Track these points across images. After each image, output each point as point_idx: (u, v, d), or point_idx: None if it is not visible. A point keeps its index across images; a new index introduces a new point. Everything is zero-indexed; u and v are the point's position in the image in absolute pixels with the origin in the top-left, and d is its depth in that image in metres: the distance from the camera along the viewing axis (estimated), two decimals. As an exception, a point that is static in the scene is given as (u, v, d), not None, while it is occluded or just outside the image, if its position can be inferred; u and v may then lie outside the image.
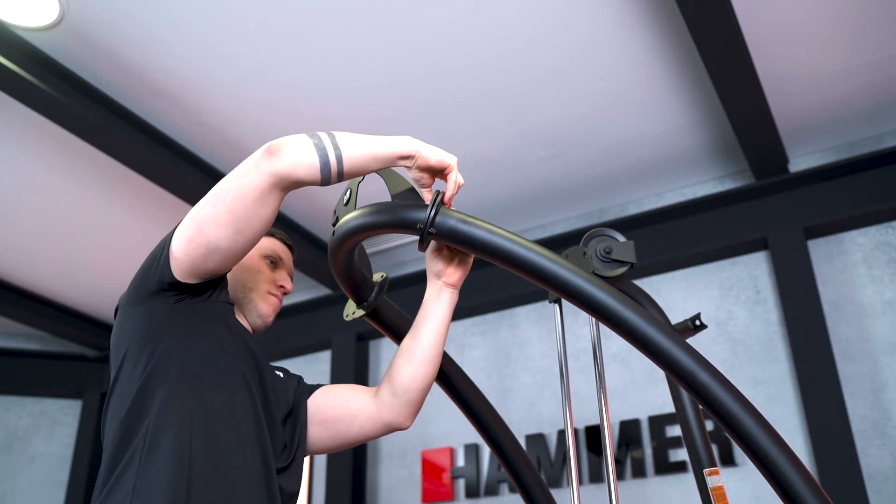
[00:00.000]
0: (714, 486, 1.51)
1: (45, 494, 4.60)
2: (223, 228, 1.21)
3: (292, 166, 1.17)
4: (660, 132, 3.25)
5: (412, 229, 1.29)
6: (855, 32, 2.73)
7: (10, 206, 3.61)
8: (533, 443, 3.53)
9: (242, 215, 1.19)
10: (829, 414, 2.89)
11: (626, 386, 3.43)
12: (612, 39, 2.74)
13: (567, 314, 3.32)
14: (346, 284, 1.50)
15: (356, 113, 3.09)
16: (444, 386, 1.62)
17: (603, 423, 1.49)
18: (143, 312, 1.28)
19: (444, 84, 2.94)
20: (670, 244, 3.45)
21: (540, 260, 1.26)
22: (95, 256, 4.07)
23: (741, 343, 3.28)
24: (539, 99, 3.04)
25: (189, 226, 1.23)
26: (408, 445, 3.90)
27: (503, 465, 1.65)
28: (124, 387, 1.25)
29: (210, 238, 1.21)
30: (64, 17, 2.58)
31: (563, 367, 1.56)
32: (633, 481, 3.27)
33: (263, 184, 1.18)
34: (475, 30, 2.69)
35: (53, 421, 4.78)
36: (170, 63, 2.81)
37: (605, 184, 3.62)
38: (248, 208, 1.19)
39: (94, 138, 2.99)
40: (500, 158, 3.39)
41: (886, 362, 2.99)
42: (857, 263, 3.19)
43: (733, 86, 2.78)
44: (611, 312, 1.22)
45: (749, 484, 3.00)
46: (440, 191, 1.31)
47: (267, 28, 2.66)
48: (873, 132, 3.28)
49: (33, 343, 4.86)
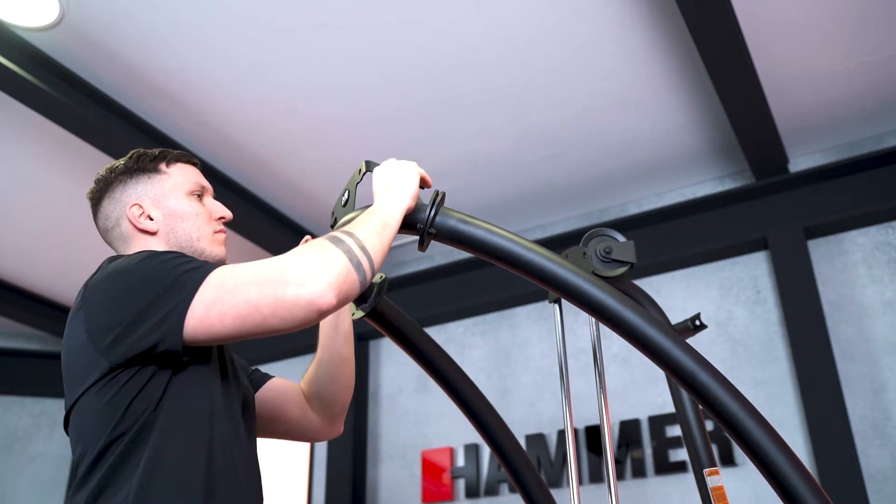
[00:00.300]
0: (714, 486, 1.51)
1: (45, 494, 4.60)
2: (235, 321, 1.08)
3: (343, 303, 1.08)
4: (660, 132, 3.25)
5: (412, 229, 1.30)
6: (855, 32, 2.73)
7: (10, 206, 3.61)
8: (533, 443, 3.53)
9: (261, 329, 1.08)
10: (829, 414, 2.89)
11: (626, 386, 3.43)
12: (612, 39, 2.74)
13: (567, 314, 3.31)
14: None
15: (356, 113, 3.09)
16: (444, 386, 1.61)
17: (603, 423, 1.49)
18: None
19: (443, 84, 2.94)
20: (670, 244, 3.45)
21: (540, 260, 1.26)
22: (95, 256, 4.04)
23: (741, 343, 3.28)
24: (539, 99, 3.04)
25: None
26: (408, 445, 3.90)
27: (503, 465, 1.65)
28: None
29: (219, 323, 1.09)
30: (64, 17, 2.58)
31: (563, 367, 1.56)
32: (633, 481, 3.27)
33: (305, 321, 1.07)
34: (475, 30, 2.69)
35: (53, 421, 4.78)
36: (170, 63, 2.81)
37: (605, 184, 3.62)
38: (273, 329, 1.08)
39: (94, 138, 2.99)
40: (500, 158, 3.39)
41: (886, 362, 2.99)
42: (857, 263, 3.19)
43: (733, 86, 2.78)
44: (611, 312, 1.23)
45: (749, 484, 3.00)
46: (439, 191, 1.31)
47: (267, 28, 2.66)
48: (873, 132, 3.28)
49: (33, 343, 4.86)
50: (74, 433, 1.15)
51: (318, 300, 1.04)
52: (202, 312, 1.06)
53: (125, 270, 1.13)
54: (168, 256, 1.13)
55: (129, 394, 1.09)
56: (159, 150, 1.38)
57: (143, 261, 1.13)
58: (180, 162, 1.39)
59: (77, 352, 1.13)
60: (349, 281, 1.08)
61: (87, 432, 1.11)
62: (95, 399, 1.10)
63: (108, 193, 1.36)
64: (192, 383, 1.14)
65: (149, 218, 1.32)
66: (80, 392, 1.12)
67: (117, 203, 1.34)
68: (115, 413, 1.08)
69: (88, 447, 1.10)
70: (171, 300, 1.07)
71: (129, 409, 1.08)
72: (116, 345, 1.08)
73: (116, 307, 1.09)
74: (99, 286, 1.14)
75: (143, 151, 1.38)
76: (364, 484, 3.88)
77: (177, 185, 1.35)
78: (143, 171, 1.35)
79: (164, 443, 1.08)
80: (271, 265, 1.08)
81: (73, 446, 1.15)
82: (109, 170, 1.37)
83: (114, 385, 1.09)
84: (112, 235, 1.36)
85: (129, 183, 1.35)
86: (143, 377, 1.10)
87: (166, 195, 1.34)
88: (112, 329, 1.08)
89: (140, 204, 1.32)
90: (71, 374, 1.15)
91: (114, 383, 1.09)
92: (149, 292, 1.08)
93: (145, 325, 1.07)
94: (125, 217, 1.33)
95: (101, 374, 1.09)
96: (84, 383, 1.11)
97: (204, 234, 1.34)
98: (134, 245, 1.32)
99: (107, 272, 1.16)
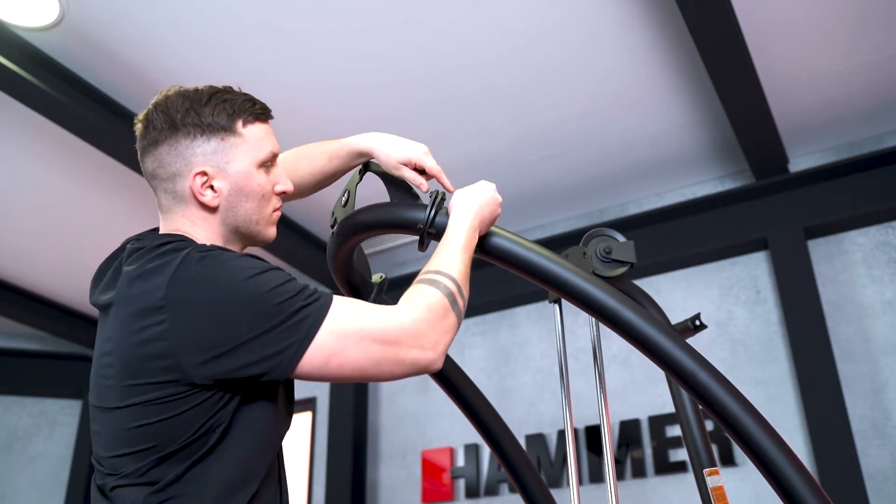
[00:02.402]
0: (714, 486, 1.51)
1: (45, 494, 4.60)
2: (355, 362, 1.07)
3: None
4: (660, 132, 3.25)
5: (412, 230, 1.30)
6: (855, 32, 2.73)
7: (10, 206, 3.61)
8: (533, 443, 3.53)
9: (369, 379, 1.11)
10: (829, 414, 2.89)
11: (626, 386, 3.43)
12: (612, 39, 2.74)
13: (567, 314, 3.32)
14: (345, 285, 1.50)
15: (356, 113, 3.09)
16: (444, 386, 1.61)
17: (603, 423, 1.49)
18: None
19: (443, 84, 2.94)
20: (670, 244, 3.45)
21: (540, 260, 1.26)
22: (95, 256, 4.04)
23: (741, 343, 3.28)
24: (539, 99, 3.04)
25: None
26: (408, 445, 3.90)
27: (503, 465, 1.65)
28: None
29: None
30: (64, 17, 2.58)
31: (563, 367, 1.56)
32: (633, 481, 3.27)
33: (410, 376, 1.12)
34: (475, 30, 2.69)
35: (53, 421, 4.78)
36: (170, 63, 2.81)
37: (605, 184, 3.61)
38: (377, 380, 1.11)
39: (94, 138, 2.99)
40: (500, 158, 3.39)
41: (886, 362, 2.99)
42: (857, 263, 3.19)
43: (733, 86, 2.78)
44: (611, 312, 1.23)
45: (749, 484, 3.00)
46: (439, 191, 1.31)
47: (267, 28, 2.66)
48: (873, 132, 3.28)
49: (33, 343, 4.86)
50: (115, 436, 1.05)
51: (433, 365, 1.10)
52: (322, 361, 1.03)
53: (225, 284, 1.02)
54: (277, 279, 1.05)
55: (202, 412, 1.02)
56: (238, 100, 1.19)
57: (250, 280, 1.03)
58: (259, 121, 1.20)
59: (146, 358, 1.01)
60: (453, 329, 1.14)
61: (141, 440, 1.02)
62: (156, 410, 1.01)
63: (171, 139, 1.15)
64: (262, 403, 1.09)
65: (211, 188, 1.15)
66: (139, 399, 1.02)
67: (180, 158, 1.15)
68: (181, 428, 1.01)
69: (139, 456, 1.03)
70: (287, 337, 1.01)
71: (200, 426, 1.02)
72: (210, 365, 1.00)
73: (217, 328, 1.00)
74: (190, 295, 1.01)
75: (218, 94, 1.18)
76: (364, 484, 3.88)
77: (250, 153, 1.18)
78: (216, 130, 1.16)
79: (230, 467, 1.03)
80: (394, 321, 1.07)
81: (104, 445, 1.07)
82: (177, 110, 1.16)
83: (188, 401, 1.01)
84: (161, 185, 1.18)
85: (198, 139, 1.15)
86: (221, 397, 1.03)
87: (236, 165, 1.16)
88: (208, 349, 0.99)
89: (206, 171, 1.14)
90: (126, 374, 1.03)
91: (188, 399, 1.01)
92: (260, 321, 1.00)
93: (252, 355, 1.00)
94: (186, 179, 1.15)
95: (178, 390, 1.01)
96: (147, 392, 1.01)
97: (263, 217, 1.20)
98: (184, 212, 1.17)
99: (197, 276, 1.02)
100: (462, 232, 1.23)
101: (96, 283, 1.20)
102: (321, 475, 4.03)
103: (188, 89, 1.19)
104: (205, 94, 1.17)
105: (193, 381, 1.00)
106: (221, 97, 1.17)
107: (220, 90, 1.19)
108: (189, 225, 1.16)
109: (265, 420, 1.07)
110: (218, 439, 1.02)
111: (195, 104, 1.16)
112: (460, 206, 1.27)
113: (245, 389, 1.04)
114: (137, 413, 1.02)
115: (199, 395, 1.01)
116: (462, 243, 1.21)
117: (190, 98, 1.17)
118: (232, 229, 1.18)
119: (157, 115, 1.17)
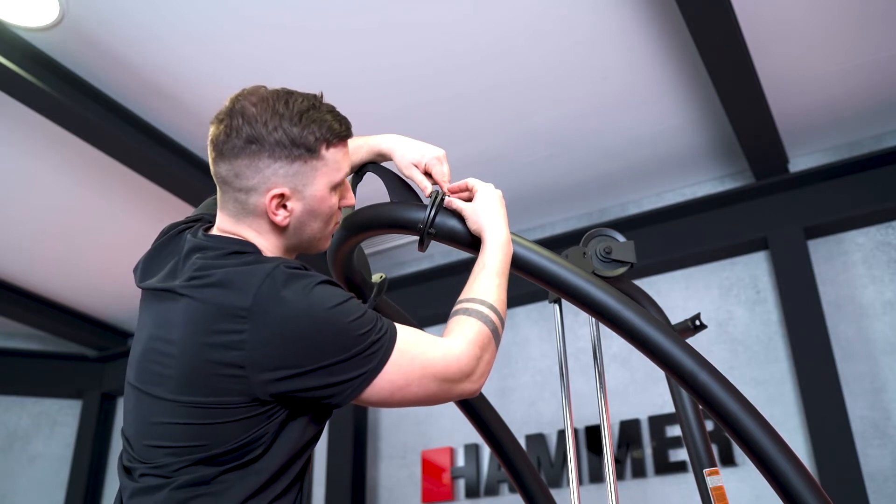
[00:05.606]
0: (714, 486, 1.51)
1: (45, 494, 4.60)
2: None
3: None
4: (660, 132, 3.25)
5: (412, 230, 1.30)
6: (855, 32, 2.73)
7: (10, 206, 3.61)
8: (533, 443, 3.53)
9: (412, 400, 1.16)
10: (829, 414, 2.89)
11: (626, 386, 3.43)
12: (612, 39, 2.74)
13: (567, 314, 3.32)
14: (345, 285, 1.50)
15: (356, 113, 3.04)
16: (444, 386, 1.61)
17: (603, 423, 1.49)
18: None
19: (444, 83, 2.94)
20: (670, 244, 3.45)
21: (540, 260, 1.26)
22: (95, 256, 4.07)
23: (741, 343, 3.28)
24: (539, 99, 3.04)
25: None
26: (408, 445, 3.90)
27: (503, 465, 1.65)
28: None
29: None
30: (64, 17, 2.58)
31: (563, 367, 1.56)
32: (633, 481, 3.27)
33: (454, 401, 1.23)
34: (475, 29, 2.69)
35: (53, 421, 4.78)
36: (170, 63, 2.81)
37: (605, 184, 3.61)
38: (423, 405, 1.19)
39: (94, 138, 2.99)
40: (500, 158, 3.39)
41: (886, 362, 2.99)
42: (857, 263, 3.19)
43: (733, 86, 2.78)
44: (611, 312, 1.23)
45: (749, 484, 3.00)
46: (439, 191, 1.31)
47: (267, 27, 2.66)
48: (873, 132, 3.28)
49: (33, 343, 4.86)
50: (154, 426, 1.06)
51: (475, 392, 1.19)
52: (387, 394, 1.09)
53: (309, 308, 1.04)
54: (356, 310, 1.07)
55: (252, 424, 1.04)
56: (327, 121, 1.17)
57: (333, 308, 1.05)
58: (342, 142, 1.20)
59: (214, 363, 1.02)
60: (492, 356, 1.21)
61: (183, 438, 1.04)
62: (208, 413, 1.03)
63: (253, 154, 1.13)
64: (308, 418, 1.11)
65: (283, 206, 1.14)
66: (192, 398, 1.03)
67: (259, 175, 1.12)
68: (227, 436, 1.03)
69: (176, 452, 1.04)
70: (358, 368, 1.06)
71: (246, 436, 1.03)
72: (278, 384, 1.02)
73: (294, 350, 1.02)
74: (274, 312, 1.02)
75: (308, 113, 1.15)
76: (364, 484, 3.88)
77: (328, 175, 1.16)
78: (301, 153, 1.13)
79: (263, 473, 1.06)
80: (452, 359, 1.14)
81: (138, 430, 1.09)
82: (265, 124, 1.13)
83: (242, 412, 1.03)
84: (232, 192, 1.15)
85: (282, 161, 1.12)
86: (274, 411, 1.05)
87: (313, 188, 1.15)
88: (280, 368, 1.02)
89: (284, 193, 1.13)
90: (188, 370, 1.04)
91: (243, 410, 1.03)
92: (337, 351, 1.04)
93: (322, 380, 1.04)
94: (262, 197, 1.13)
95: (235, 400, 1.03)
96: (204, 395, 1.03)
97: (325, 234, 1.22)
98: (251, 223, 1.16)
99: (284, 296, 1.03)
100: (500, 254, 1.27)
101: (147, 267, 1.21)
102: (321, 475, 4.03)
103: (276, 99, 1.15)
104: (295, 111, 1.14)
105: (255, 395, 1.03)
106: (311, 117, 1.15)
107: (309, 107, 1.15)
108: (255, 236, 1.16)
109: (307, 433, 1.10)
110: (262, 451, 1.05)
111: (284, 121, 1.12)
112: (494, 222, 1.29)
113: (299, 405, 1.07)
114: (186, 412, 1.03)
115: (255, 408, 1.04)
116: (500, 268, 1.25)
117: (280, 114, 1.13)
118: (295, 245, 1.20)
119: (242, 123, 1.14)
